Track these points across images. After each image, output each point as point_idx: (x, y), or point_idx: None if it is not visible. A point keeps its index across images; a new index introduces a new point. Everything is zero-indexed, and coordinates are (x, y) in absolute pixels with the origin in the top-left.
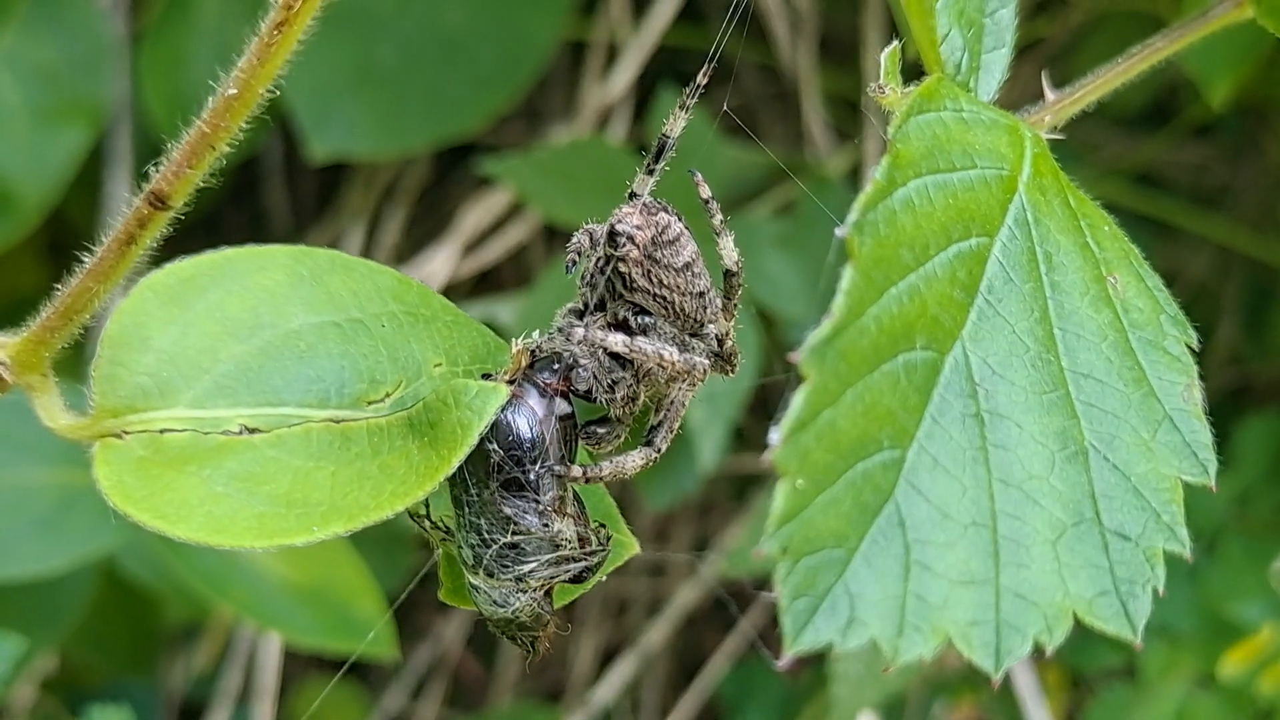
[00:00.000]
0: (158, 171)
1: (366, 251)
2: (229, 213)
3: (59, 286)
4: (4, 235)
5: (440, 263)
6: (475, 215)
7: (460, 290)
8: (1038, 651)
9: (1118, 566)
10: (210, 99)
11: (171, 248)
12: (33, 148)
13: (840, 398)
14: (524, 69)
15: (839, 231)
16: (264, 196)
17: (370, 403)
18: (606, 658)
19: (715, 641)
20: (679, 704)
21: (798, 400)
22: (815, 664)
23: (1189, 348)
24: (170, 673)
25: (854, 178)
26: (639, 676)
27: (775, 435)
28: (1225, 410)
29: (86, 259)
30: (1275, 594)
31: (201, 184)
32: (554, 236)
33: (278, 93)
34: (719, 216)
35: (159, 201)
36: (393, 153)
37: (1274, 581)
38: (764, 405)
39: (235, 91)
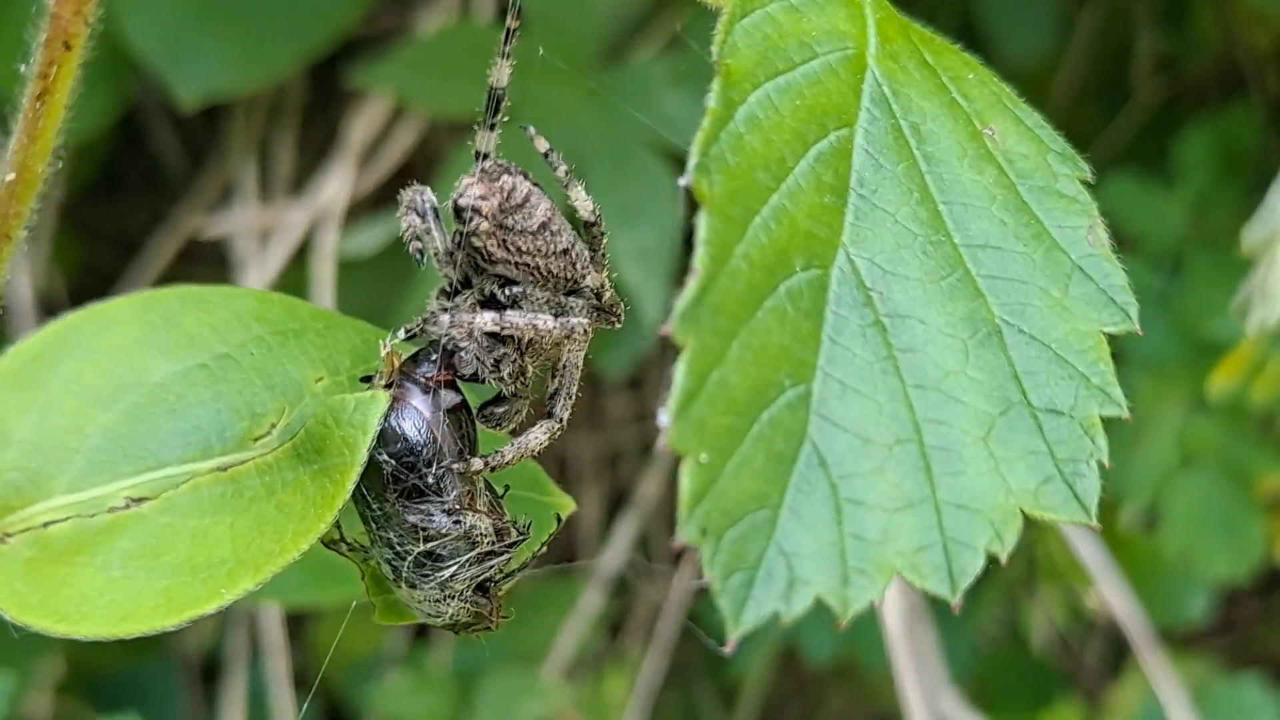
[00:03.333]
0: None
1: (263, 188)
2: (125, 163)
3: None
4: None
5: (336, 185)
6: (361, 126)
7: (365, 207)
8: (992, 561)
9: (1056, 447)
10: None
11: (77, 210)
12: None
13: (726, 354)
14: None
15: (682, 181)
16: (154, 142)
17: (257, 438)
18: (612, 508)
19: None
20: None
21: (679, 372)
22: None
23: (1083, 183)
24: (183, 641)
25: None
26: (645, 530)
27: (664, 417)
28: (1164, 121)
29: None
30: None
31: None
32: (453, 129)
33: (59, 165)
34: (563, 167)
35: None
36: (264, 79)
37: (1234, 318)
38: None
39: (14, 176)
